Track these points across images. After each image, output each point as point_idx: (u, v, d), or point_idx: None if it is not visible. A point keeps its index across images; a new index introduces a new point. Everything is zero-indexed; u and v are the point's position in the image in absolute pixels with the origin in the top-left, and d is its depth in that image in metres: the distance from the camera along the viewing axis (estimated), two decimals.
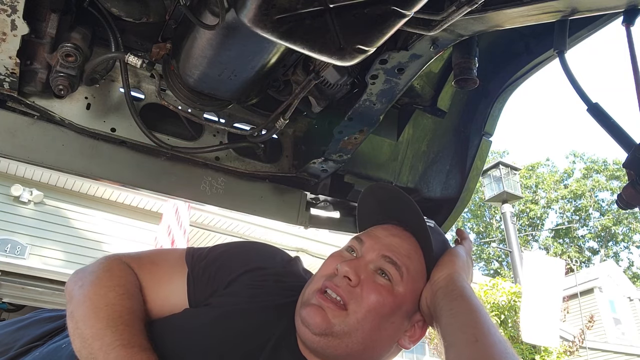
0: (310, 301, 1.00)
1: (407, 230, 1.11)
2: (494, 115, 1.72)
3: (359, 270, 1.02)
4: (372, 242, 1.08)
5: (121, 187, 6.60)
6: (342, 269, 1.01)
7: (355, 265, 1.02)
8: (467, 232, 1.30)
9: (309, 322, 0.97)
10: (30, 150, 1.41)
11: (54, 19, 1.17)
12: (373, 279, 1.02)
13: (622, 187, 1.06)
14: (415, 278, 1.05)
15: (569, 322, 13.17)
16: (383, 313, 1.00)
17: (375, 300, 0.99)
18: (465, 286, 1.02)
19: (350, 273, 1.00)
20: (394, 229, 1.11)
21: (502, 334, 0.92)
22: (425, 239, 1.08)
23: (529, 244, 30.03)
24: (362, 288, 1.00)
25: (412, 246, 1.08)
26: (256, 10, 0.81)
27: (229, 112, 1.61)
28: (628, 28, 1.04)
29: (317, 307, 0.98)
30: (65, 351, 0.96)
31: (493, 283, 10.60)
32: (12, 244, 6.85)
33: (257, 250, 1.21)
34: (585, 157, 32.89)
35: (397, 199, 1.12)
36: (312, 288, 1.03)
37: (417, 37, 1.17)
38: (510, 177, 15.49)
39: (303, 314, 0.99)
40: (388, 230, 1.11)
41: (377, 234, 1.10)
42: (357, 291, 1.00)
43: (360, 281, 1.01)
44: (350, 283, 1.00)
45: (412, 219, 1.10)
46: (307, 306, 1.00)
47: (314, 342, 0.98)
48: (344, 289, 0.99)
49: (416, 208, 1.08)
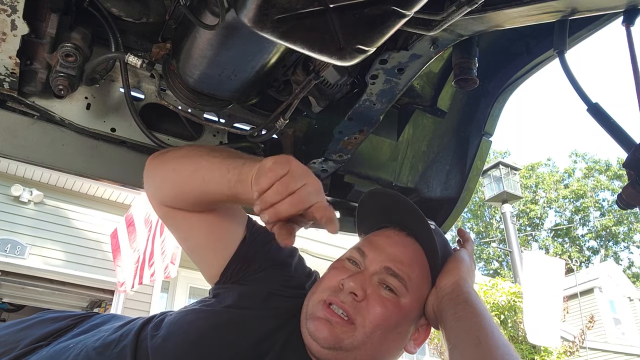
0: (317, 314, 0.99)
1: (409, 236, 1.09)
2: (494, 115, 1.71)
3: (364, 284, 1.01)
4: (374, 254, 1.06)
5: (121, 187, 6.60)
6: (347, 284, 1.00)
7: (360, 280, 1.01)
8: (468, 232, 1.30)
9: (317, 337, 0.96)
10: (30, 150, 1.41)
11: (54, 19, 1.17)
12: (379, 292, 1.00)
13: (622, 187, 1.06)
14: (420, 286, 1.05)
15: (569, 322, 13.17)
16: (390, 325, 0.99)
17: (382, 314, 0.98)
18: (471, 292, 1.02)
19: (356, 289, 0.99)
20: (396, 235, 1.10)
21: (506, 338, 0.92)
22: (431, 246, 1.07)
23: (528, 244, 30.02)
24: (368, 302, 0.99)
25: (416, 253, 1.07)
26: (256, 10, 0.80)
27: (229, 112, 1.61)
28: (628, 28, 1.04)
29: (325, 320, 0.97)
30: (72, 352, 0.96)
31: (493, 283, 10.59)
32: (12, 244, 6.84)
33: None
34: (587, 157, 32.89)
35: (398, 203, 1.11)
36: (317, 299, 1.02)
37: (417, 37, 1.16)
38: (510, 177, 15.49)
39: (311, 327, 0.98)
40: (390, 237, 1.10)
41: (380, 243, 1.09)
42: (363, 305, 0.99)
43: (366, 296, 1.00)
44: (356, 299, 0.99)
45: (414, 223, 1.09)
46: (314, 319, 0.99)
47: (322, 355, 0.98)
48: (350, 305, 0.98)
49: (419, 212, 1.07)
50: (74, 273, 7.18)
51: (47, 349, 1.01)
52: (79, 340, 1.01)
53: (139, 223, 6.86)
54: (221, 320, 1.01)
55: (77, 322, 1.13)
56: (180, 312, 1.07)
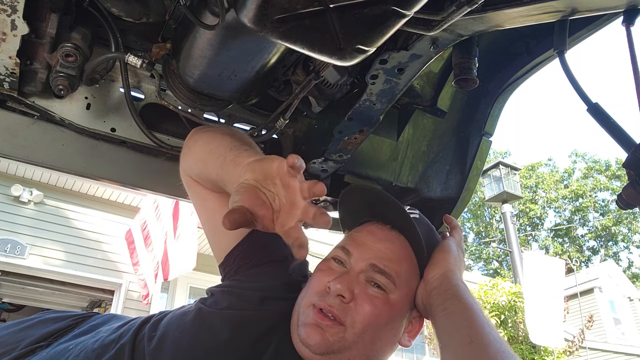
0: (307, 320, 0.98)
1: (393, 229, 1.08)
2: (494, 115, 1.71)
3: (351, 285, 0.99)
4: (359, 252, 1.04)
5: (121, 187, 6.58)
6: (334, 287, 0.98)
7: (347, 281, 0.99)
8: (455, 220, 1.28)
9: (309, 343, 0.95)
10: (30, 150, 1.41)
11: (54, 19, 1.17)
12: (366, 291, 0.99)
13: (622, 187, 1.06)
14: (408, 280, 1.04)
15: (568, 322, 13.16)
16: (380, 323, 0.98)
17: (371, 312, 0.97)
18: (459, 284, 1.00)
19: (343, 291, 0.98)
20: (381, 231, 1.09)
21: (497, 332, 0.91)
22: (415, 237, 1.05)
23: (528, 244, 30.02)
24: (357, 303, 0.98)
25: (401, 247, 1.06)
26: (256, 10, 0.80)
27: (229, 112, 1.61)
28: (628, 28, 1.04)
29: (315, 326, 0.96)
30: (72, 353, 0.96)
31: (493, 283, 10.59)
32: (12, 244, 6.84)
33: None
34: (587, 157, 32.90)
35: (379, 198, 1.10)
36: (306, 303, 1.01)
37: (417, 37, 1.16)
38: (510, 177, 15.49)
39: (302, 334, 0.97)
40: (374, 234, 1.08)
41: (364, 240, 1.07)
42: (352, 306, 0.97)
43: (354, 296, 0.98)
44: (344, 300, 0.97)
45: (397, 217, 1.07)
46: (305, 326, 0.97)
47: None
48: (338, 307, 0.97)
49: (399, 204, 1.06)
50: (74, 273, 7.19)
51: (47, 350, 1.00)
52: (78, 341, 1.01)
53: (152, 224, 6.89)
54: (217, 320, 1.01)
55: (77, 322, 1.13)
56: (178, 312, 1.06)
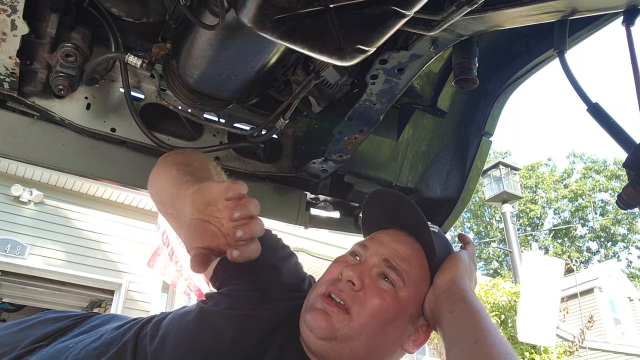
0: (315, 305, 1.01)
1: (410, 235, 1.12)
2: (494, 115, 1.72)
3: (362, 274, 1.03)
4: (375, 247, 1.09)
5: (121, 187, 6.60)
6: (345, 273, 1.02)
7: (359, 270, 1.03)
8: (468, 236, 1.31)
9: (314, 326, 0.98)
10: (30, 150, 1.41)
11: (54, 19, 1.17)
12: (376, 283, 1.02)
13: (622, 187, 1.06)
14: (418, 283, 1.06)
15: (568, 322, 13.17)
16: (386, 318, 1.00)
17: (379, 304, 0.99)
18: (467, 289, 1.02)
19: (353, 277, 1.01)
20: (397, 234, 1.12)
21: (503, 336, 0.92)
22: (429, 244, 1.08)
23: (528, 244, 30.02)
24: (365, 292, 1.01)
25: (414, 251, 1.09)
26: (256, 10, 0.80)
27: (229, 112, 1.61)
28: (628, 28, 1.04)
29: (322, 311, 0.99)
30: (72, 352, 0.96)
31: (493, 283, 10.60)
32: (12, 244, 6.84)
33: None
34: (585, 157, 32.90)
35: (401, 205, 1.13)
36: (317, 293, 1.04)
37: (417, 37, 1.16)
38: (510, 177, 15.48)
39: (308, 318, 1.00)
40: (391, 235, 1.12)
41: (381, 239, 1.12)
42: (360, 295, 1.00)
43: (364, 286, 1.01)
44: (354, 287, 1.01)
45: (415, 224, 1.11)
46: (312, 310, 1.00)
47: (318, 347, 0.98)
48: (347, 294, 1.00)
49: (420, 214, 1.10)
50: (74, 273, 7.19)
51: (47, 349, 1.01)
52: (78, 340, 1.01)
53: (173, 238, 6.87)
54: (218, 320, 1.01)
55: (77, 322, 1.13)
56: (179, 312, 1.07)
